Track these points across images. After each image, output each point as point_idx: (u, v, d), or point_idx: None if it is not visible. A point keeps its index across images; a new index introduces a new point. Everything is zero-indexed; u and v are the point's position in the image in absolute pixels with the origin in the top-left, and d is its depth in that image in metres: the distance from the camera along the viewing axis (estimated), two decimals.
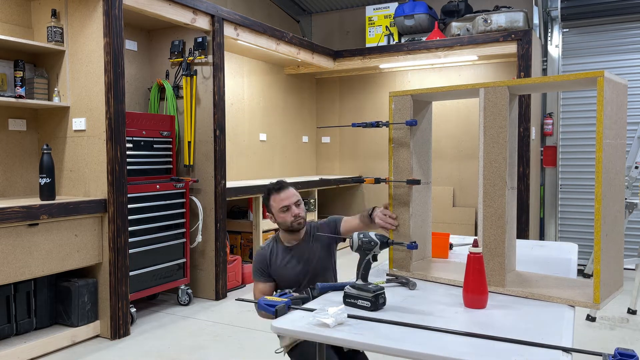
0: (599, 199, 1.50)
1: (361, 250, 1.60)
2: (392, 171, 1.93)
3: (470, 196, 5.84)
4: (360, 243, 1.60)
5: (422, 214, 1.98)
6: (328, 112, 6.75)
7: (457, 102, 5.83)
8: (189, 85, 4.10)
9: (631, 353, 1.11)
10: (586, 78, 1.53)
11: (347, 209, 6.65)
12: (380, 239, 1.59)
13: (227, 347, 3.18)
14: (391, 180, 1.92)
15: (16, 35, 3.35)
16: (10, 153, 3.42)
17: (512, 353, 1.19)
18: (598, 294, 1.51)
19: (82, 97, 3.35)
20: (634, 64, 5.04)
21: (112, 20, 3.22)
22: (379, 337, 1.30)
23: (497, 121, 1.69)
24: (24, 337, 3.04)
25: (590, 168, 5.29)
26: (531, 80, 1.68)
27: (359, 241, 1.60)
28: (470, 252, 1.55)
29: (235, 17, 4.28)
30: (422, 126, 1.96)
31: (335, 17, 6.74)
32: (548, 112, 5.39)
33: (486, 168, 1.71)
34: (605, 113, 1.48)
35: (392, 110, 1.92)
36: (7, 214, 2.74)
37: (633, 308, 3.82)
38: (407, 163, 1.89)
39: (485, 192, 1.71)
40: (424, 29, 5.58)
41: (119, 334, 3.29)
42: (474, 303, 1.53)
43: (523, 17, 4.92)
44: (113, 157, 3.24)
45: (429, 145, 2.01)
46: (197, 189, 4.13)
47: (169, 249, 3.83)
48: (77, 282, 3.22)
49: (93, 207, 3.20)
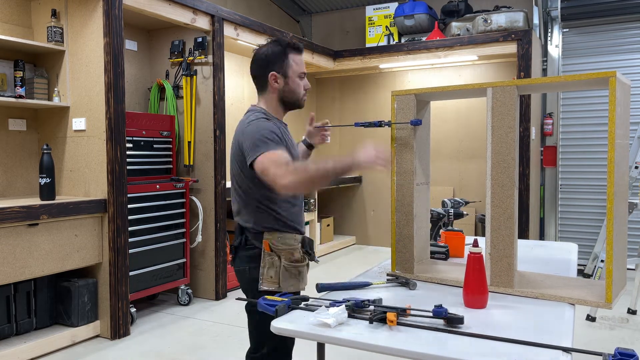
0: (611, 199, 1.50)
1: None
2: (395, 172, 1.93)
3: (470, 196, 5.83)
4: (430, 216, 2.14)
5: (422, 214, 1.98)
6: (328, 112, 6.75)
7: (457, 102, 5.83)
8: (189, 85, 4.10)
9: (631, 353, 1.11)
10: (597, 78, 1.52)
11: (347, 209, 6.65)
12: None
13: (227, 347, 3.18)
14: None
15: (16, 35, 3.35)
16: (10, 153, 3.42)
17: (512, 353, 1.19)
18: (610, 293, 1.51)
19: (82, 97, 3.35)
20: (634, 64, 5.04)
21: (112, 20, 3.22)
22: (379, 337, 1.30)
23: (505, 121, 1.68)
24: (24, 337, 3.04)
25: (590, 168, 5.29)
26: (541, 80, 1.67)
27: None
28: (471, 252, 1.55)
29: (235, 17, 4.28)
30: (422, 126, 1.96)
31: (335, 17, 6.74)
32: (548, 112, 5.39)
33: (494, 168, 1.70)
34: (617, 113, 1.49)
35: (394, 109, 1.92)
36: (7, 214, 2.74)
37: (633, 308, 3.82)
38: (411, 164, 1.89)
39: (494, 192, 1.70)
40: (424, 29, 5.58)
41: (119, 334, 3.30)
42: (474, 303, 1.53)
43: (523, 17, 4.92)
44: (113, 157, 3.24)
45: (428, 145, 2.01)
46: (197, 189, 4.14)
47: (168, 249, 3.83)
48: (77, 282, 3.22)
49: (93, 207, 3.20)
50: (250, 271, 1.82)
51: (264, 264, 1.79)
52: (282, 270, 1.77)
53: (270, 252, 1.78)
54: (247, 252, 1.84)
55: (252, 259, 1.82)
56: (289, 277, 1.78)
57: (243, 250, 1.85)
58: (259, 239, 1.81)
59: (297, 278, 1.80)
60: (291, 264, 1.79)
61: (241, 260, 1.86)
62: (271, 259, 1.78)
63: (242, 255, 1.85)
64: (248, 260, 1.83)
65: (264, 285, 1.77)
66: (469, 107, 5.80)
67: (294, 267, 1.79)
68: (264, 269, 1.78)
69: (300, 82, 1.86)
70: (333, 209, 6.69)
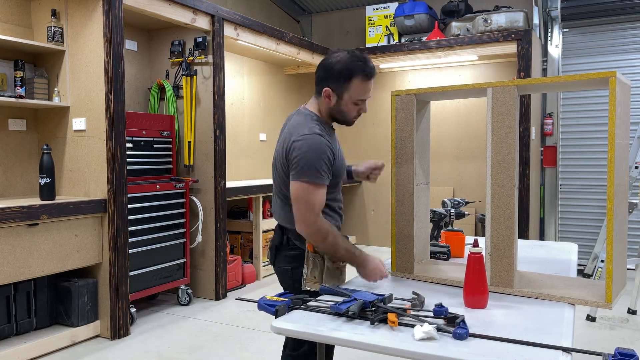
0: (611, 199, 1.50)
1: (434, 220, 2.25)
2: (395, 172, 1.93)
3: (470, 196, 5.83)
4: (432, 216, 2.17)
5: (422, 214, 1.98)
6: None
7: (457, 102, 5.83)
8: (189, 85, 4.10)
9: (631, 353, 1.12)
10: (597, 78, 1.52)
11: (347, 209, 6.65)
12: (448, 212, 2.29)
13: (227, 347, 3.18)
14: None
15: (16, 35, 3.35)
16: (10, 153, 3.42)
17: (512, 353, 1.19)
18: (610, 293, 1.51)
19: (82, 97, 3.35)
20: (634, 64, 5.04)
21: (112, 20, 3.22)
22: (379, 337, 1.30)
23: (505, 121, 1.68)
24: (24, 337, 3.04)
25: (590, 168, 5.29)
26: (541, 80, 1.66)
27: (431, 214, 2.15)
28: (471, 252, 1.55)
29: (235, 17, 4.28)
30: (421, 126, 1.96)
31: (335, 17, 6.74)
32: (548, 112, 5.39)
33: (494, 168, 1.70)
34: (617, 113, 1.48)
35: (394, 109, 1.92)
36: (7, 214, 2.74)
37: (633, 308, 3.82)
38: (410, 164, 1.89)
39: (494, 192, 1.70)
40: (424, 29, 5.57)
41: (119, 334, 3.30)
42: (475, 303, 1.54)
43: (523, 17, 4.92)
44: (113, 157, 3.24)
45: (428, 145, 2.01)
46: (197, 189, 4.13)
47: (169, 249, 3.83)
48: (77, 282, 3.22)
49: (93, 207, 3.20)
50: (293, 271, 1.86)
51: (308, 265, 1.81)
52: (326, 270, 1.80)
53: (314, 253, 1.80)
54: (289, 252, 1.87)
55: (294, 259, 1.85)
56: (331, 277, 1.80)
57: (285, 250, 1.88)
58: (301, 240, 1.82)
59: (338, 278, 1.82)
60: (334, 265, 1.80)
61: (283, 260, 1.89)
62: (315, 259, 1.80)
63: (284, 255, 1.89)
64: (290, 260, 1.86)
65: (308, 286, 1.80)
66: (469, 107, 5.80)
67: (337, 267, 1.81)
68: (309, 269, 1.80)
69: (355, 107, 1.80)
70: None
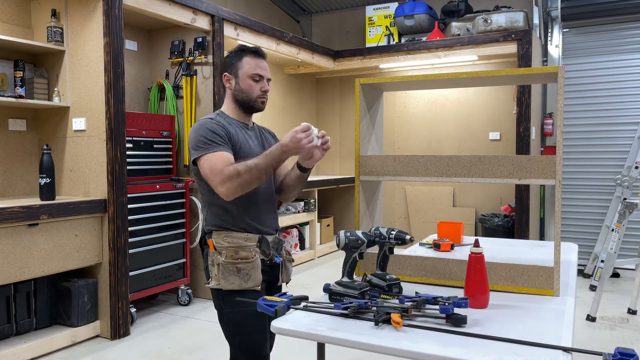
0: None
1: (347, 248, 1.63)
2: (360, 151, 1.92)
3: (470, 196, 5.83)
4: (347, 241, 1.62)
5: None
6: (328, 112, 6.75)
7: (458, 102, 5.83)
8: (189, 85, 4.10)
9: (631, 353, 1.11)
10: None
11: (347, 209, 6.65)
12: (367, 237, 1.61)
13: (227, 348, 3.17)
14: None
15: (16, 35, 3.35)
16: (10, 153, 3.42)
17: (512, 353, 1.19)
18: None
19: (82, 97, 3.35)
20: (634, 64, 5.04)
21: (112, 20, 3.22)
22: (379, 337, 1.30)
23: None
24: (24, 337, 3.04)
25: (590, 168, 5.29)
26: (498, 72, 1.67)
27: (345, 239, 1.63)
28: (471, 252, 1.55)
29: (235, 17, 4.28)
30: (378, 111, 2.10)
31: (335, 17, 6.74)
32: (548, 112, 5.39)
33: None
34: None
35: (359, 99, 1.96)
36: (7, 214, 2.74)
37: (633, 308, 3.82)
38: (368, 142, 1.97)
39: None
40: (424, 29, 5.57)
41: (119, 334, 3.29)
42: (475, 303, 1.53)
43: (523, 17, 4.92)
44: (113, 157, 3.24)
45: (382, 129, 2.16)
46: (197, 189, 4.13)
47: (169, 249, 3.83)
48: (77, 282, 3.22)
49: (93, 207, 3.20)
50: (206, 271, 1.87)
51: (210, 262, 1.82)
52: (221, 267, 1.76)
53: (214, 251, 1.80)
54: (203, 252, 1.90)
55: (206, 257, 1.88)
56: (228, 274, 1.75)
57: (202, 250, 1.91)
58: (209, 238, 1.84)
59: (237, 275, 1.75)
60: (228, 261, 1.75)
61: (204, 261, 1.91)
62: (213, 256, 1.80)
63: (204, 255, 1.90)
64: (205, 259, 1.89)
65: (212, 283, 1.80)
66: (469, 107, 5.80)
67: (232, 264, 1.75)
68: (211, 267, 1.81)
69: (254, 83, 1.82)
70: (333, 209, 6.69)
